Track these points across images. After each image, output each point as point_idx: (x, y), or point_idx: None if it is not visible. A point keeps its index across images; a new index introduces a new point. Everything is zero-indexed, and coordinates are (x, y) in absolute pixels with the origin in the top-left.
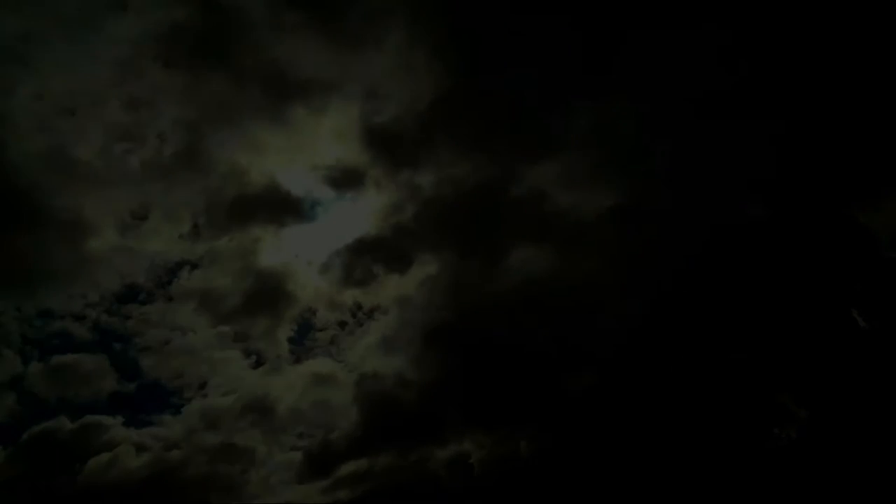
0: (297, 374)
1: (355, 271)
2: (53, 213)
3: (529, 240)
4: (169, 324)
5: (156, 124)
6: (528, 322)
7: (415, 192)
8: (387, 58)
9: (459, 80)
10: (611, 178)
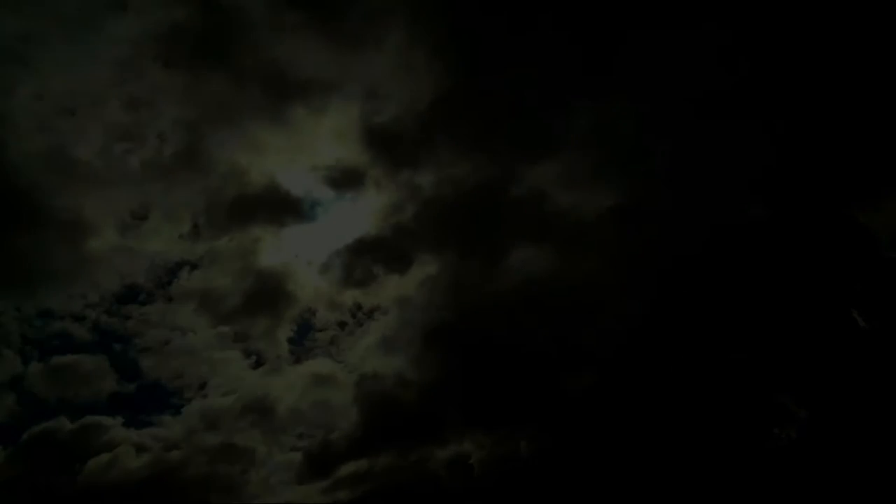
0: (297, 374)
1: (355, 271)
2: (53, 213)
3: (529, 240)
4: (169, 324)
5: (156, 124)
6: (528, 322)
7: (415, 192)
8: (387, 58)
9: (459, 80)
10: (611, 178)
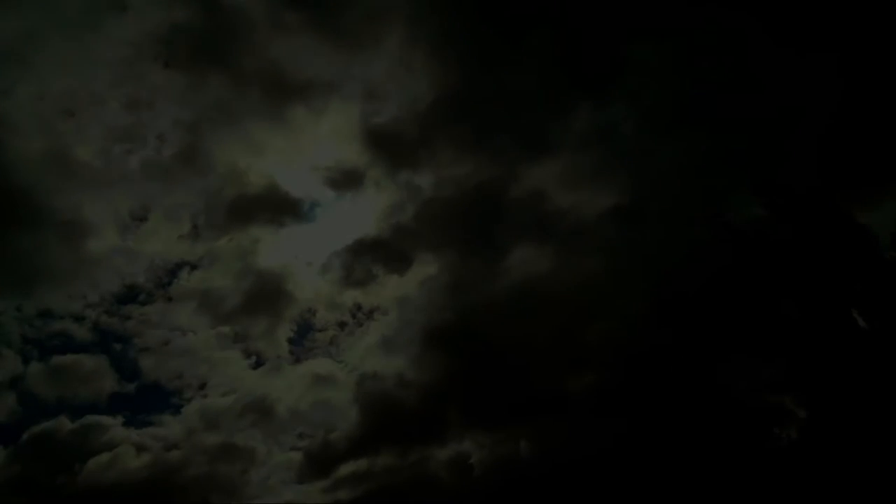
0: (297, 374)
1: (355, 272)
2: (53, 214)
3: (529, 240)
4: (168, 324)
5: (155, 125)
6: (528, 322)
7: (415, 192)
8: (387, 58)
9: (459, 81)
10: (611, 178)
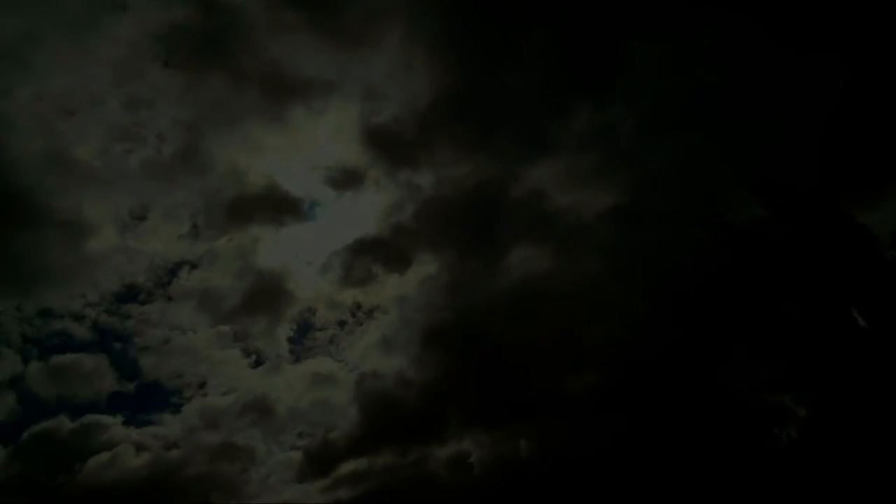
0: (297, 373)
1: (355, 271)
2: (53, 213)
3: (529, 240)
4: (168, 323)
5: (155, 124)
6: (529, 322)
7: (414, 191)
8: (386, 58)
9: (459, 80)
10: (611, 178)
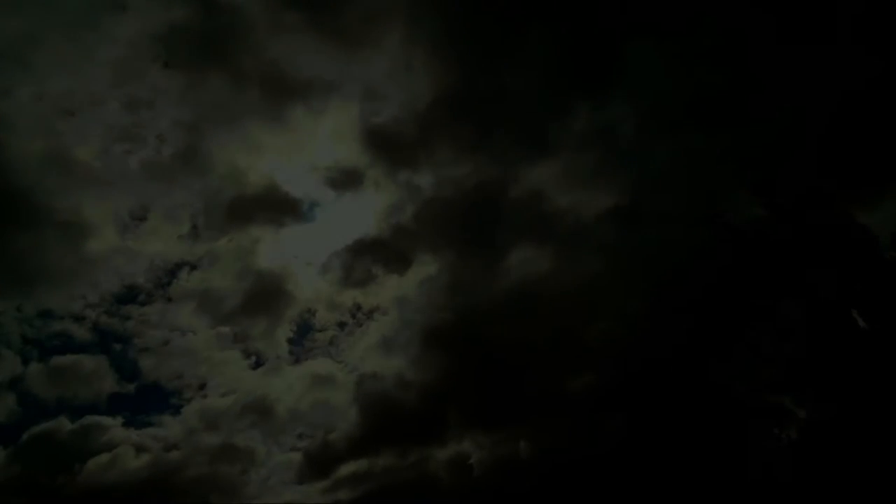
0: (297, 374)
1: (355, 272)
2: (53, 214)
3: (529, 240)
4: (168, 324)
5: (155, 125)
6: (529, 322)
7: (414, 192)
8: (386, 58)
9: (459, 81)
10: (610, 178)
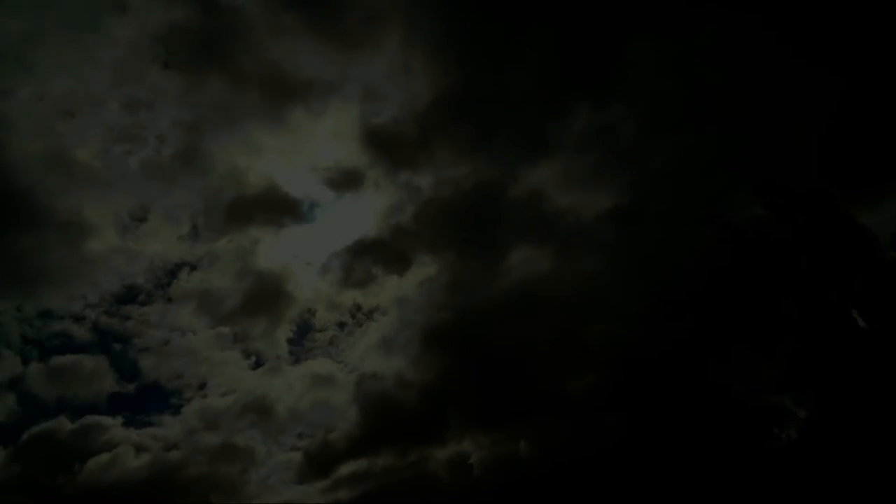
0: (297, 374)
1: (354, 272)
2: (53, 214)
3: (528, 240)
4: (168, 324)
5: (155, 125)
6: (528, 323)
7: (414, 192)
8: (386, 59)
9: (458, 81)
10: (610, 178)
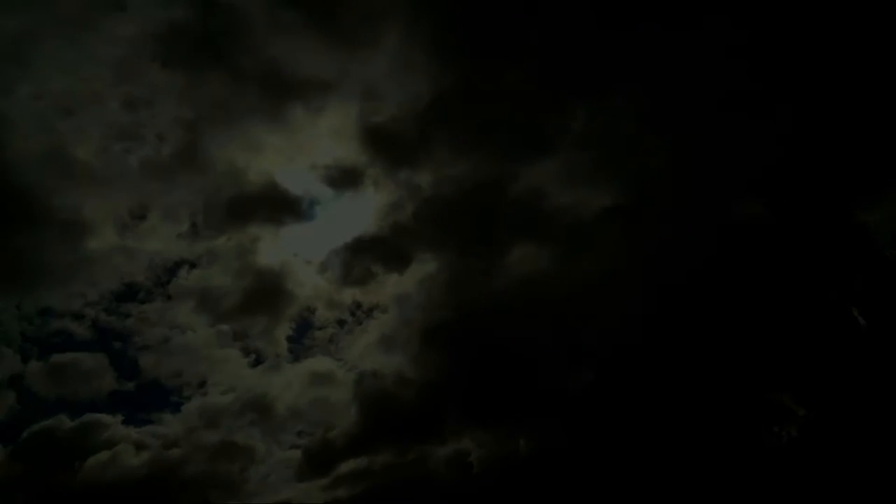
0: (296, 372)
1: (354, 270)
2: (53, 213)
3: (528, 239)
4: (168, 322)
5: (154, 124)
6: (528, 321)
7: (414, 191)
8: (385, 57)
9: (458, 80)
10: (611, 178)
